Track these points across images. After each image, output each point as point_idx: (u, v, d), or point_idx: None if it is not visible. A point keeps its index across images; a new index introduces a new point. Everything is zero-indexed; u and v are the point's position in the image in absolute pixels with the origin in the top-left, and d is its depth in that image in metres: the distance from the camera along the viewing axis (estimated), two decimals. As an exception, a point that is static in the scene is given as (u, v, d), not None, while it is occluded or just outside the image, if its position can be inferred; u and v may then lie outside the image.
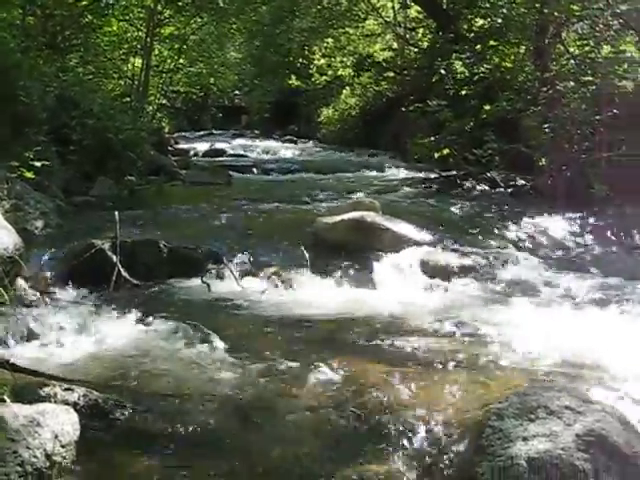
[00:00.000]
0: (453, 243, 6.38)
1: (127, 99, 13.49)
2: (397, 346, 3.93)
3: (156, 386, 3.36)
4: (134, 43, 15.09)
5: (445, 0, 15.53)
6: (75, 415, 2.75)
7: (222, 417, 3.07)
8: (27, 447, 2.48)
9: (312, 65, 22.39)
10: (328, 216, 6.58)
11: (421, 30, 18.13)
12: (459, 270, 5.61)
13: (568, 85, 8.92)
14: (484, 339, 4.04)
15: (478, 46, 11.24)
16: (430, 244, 6.17)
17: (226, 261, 5.67)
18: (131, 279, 5.26)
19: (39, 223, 6.58)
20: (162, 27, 15.18)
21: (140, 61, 14.65)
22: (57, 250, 5.73)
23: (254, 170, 13.16)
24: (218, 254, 5.79)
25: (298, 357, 3.74)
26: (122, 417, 3.00)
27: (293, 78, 22.87)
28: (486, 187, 9.72)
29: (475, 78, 10.46)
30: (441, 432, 2.85)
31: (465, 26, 14.13)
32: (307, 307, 4.77)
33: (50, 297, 4.85)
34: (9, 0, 10.76)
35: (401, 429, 2.88)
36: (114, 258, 5.34)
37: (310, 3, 19.34)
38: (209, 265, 5.64)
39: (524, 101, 9.36)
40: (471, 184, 9.86)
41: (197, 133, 23.95)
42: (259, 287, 5.28)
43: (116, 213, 5.83)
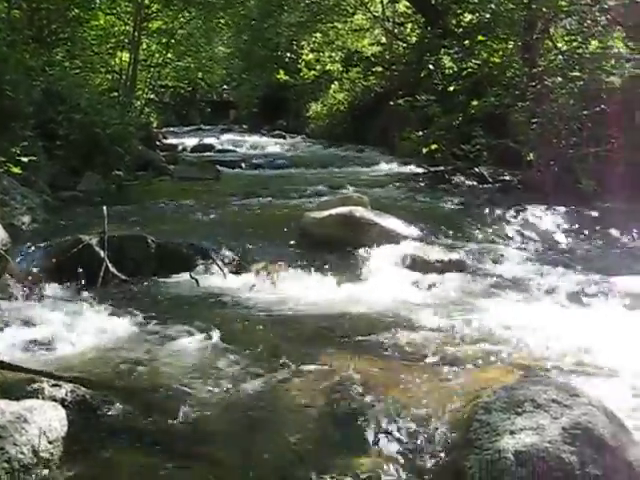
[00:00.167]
0: (441, 238, 6.40)
1: (115, 94, 13.41)
2: (385, 341, 3.94)
3: (144, 382, 3.35)
4: (121, 37, 14.99)
5: (434, -5, 15.53)
6: (63, 411, 2.74)
7: (211, 412, 3.06)
8: (14, 444, 2.47)
9: (300, 60, 22.36)
10: (316, 211, 6.58)
11: (409, 25, 18.13)
12: (447, 265, 5.63)
13: (556, 80, 8.95)
14: (472, 334, 4.06)
15: (466, 41, 11.24)
16: (418, 239, 6.19)
17: (214, 256, 5.66)
18: (119, 274, 5.24)
19: (26, 218, 6.55)
20: (150, 21, 15.10)
21: (128, 55, 14.56)
22: (44, 245, 5.70)
23: (242, 165, 13.15)
24: (206, 249, 5.77)
25: (286, 352, 3.74)
26: (110, 413, 2.99)
27: (281, 73, 22.82)
28: (474, 182, 9.75)
29: (463, 73, 10.47)
30: (429, 426, 2.86)
31: (453, 21, 14.14)
32: (295, 302, 4.77)
33: (37, 293, 4.83)
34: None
35: (389, 423, 2.89)
36: (102, 253, 5.32)
37: (298, -3, 19.32)
38: (197, 260, 5.63)
39: (512, 96, 9.38)
40: (459, 179, 9.89)
41: (185, 128, 23.88)
42: (247, 282, 5.27)
43: (104, 208, 5.80)
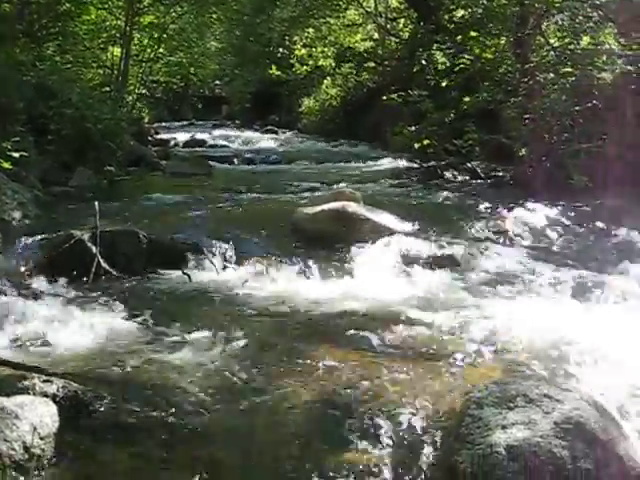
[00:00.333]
0: (433, 233, 6.40)
1: (106, 89, 13.34)
2: (378, 336, 3.94)
3: (136, 378, 3.34)
4: (113, 32, 14.90)
5: (426, -10, 15.51)
6: (54, 407, 2.73)
7: (203, 408, 3.06)
8: (5, 440, 2.46)
9: (293, 55, 22.31)
10: (309, 206, 6.58)
11: (402, 20, 18.13)
12: (439, 260, 5.63)
13: (548, 76, 8.98)
14: (464, 329, 4.06)
15: (459, 37, 11.24)
16: (411, 234, 6.19)
17: (207, 252, 5.64)
18: (111, 270, 5.22)
19: (17, 214, 6.52)
20: (141, 16, 15.00)
21: (119, 50, 14.48)
22: (35, 241, 5.67)
23: (235, 160, 13.13)
24: (199, 245, 5.76)
25: (279, 348, 3.74)
26: (102, 409, 2.98)
27: (274, 68, 22.76)
28: (466, 177, 9.77)
29: (456, 69, 10.47)
30: (421, 421, 2.86)
31: (446, 17, 14.15)
32: (287, 298, 4.77)
33: (28, 288, 4.80)
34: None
35: (381, 418, 2.89)
36: (94, 249, 5.29)
37: (291, -8, 19.28)
38: (190, 256, 5.61)
39: (504, 92, 9.41)
40: (451, 174, 9.91)
41: (177, 123, 23.82)
42: (240, 278, 5.26)
43: (96, 203, 5.77)
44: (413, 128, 10.67)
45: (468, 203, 7.87)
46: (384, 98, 11.86)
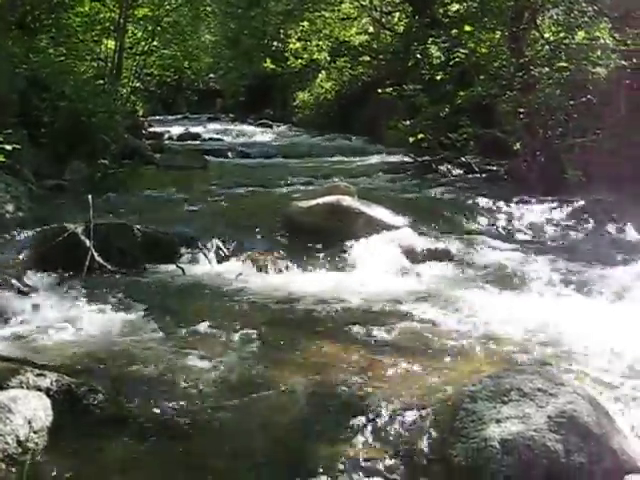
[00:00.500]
0: (428, 227, 6.41)
1: (100, 82, 13.26)
2: (372, 330, 3.94)
3: (130, 371, 3.33)
4: (107, 24, 14.79)
5: (421, -16, 15.47)
6: (48, 401, 2.73)
7: (197, 401, 3.05)
8: (-2, 433, 2.46)
9: (287, 48, 22.23)
10: (303, 200, 6.57)
11: (397, 14, 18.09)
12: (434, 254, 5.64)
13: (543, 71, 8.97)
14: (459, 323, 4.07)
15: (454, 31, 11.22)
16: (405, 228, 6.19)
17: (201, 245, 5.64)
18: (105, 264, 5.20)
19: (10, 207, 6.49)
20: (135, 8, 14.91)
21: (113, 43, 14.40)
22: (29, 234, 5.65)
23: (229, 154, 13.10)
24: (193, 238, 5.76)
25: (273, 341, 3.74)
26: (95, 402, 2.97)
27: (268, 61, 22.68)
28: (461, 172, 9.77)
29: (451, 63, 10.45)
30: (416, 414, 2.87)
31: (441, 11, 14.11)
32: (282, 291, 4.77)
33: (21, 282, 4.78)
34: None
35: (376, 411, 2.90)
36: (87, 242, 5.27)
37: (286, -15, 19.20)
38: (184, 249, 5.61)
39: (499, 86, 9.38)
40: (446, 169, 9.91)
41: (171, 117, 23.72)
42: (234, 271, 5.26)
43: (89, 197, 5.75)
44: (408, 122, 10.65)
45: (463, 197, 7.87)
46: (379, 92, 11.84)
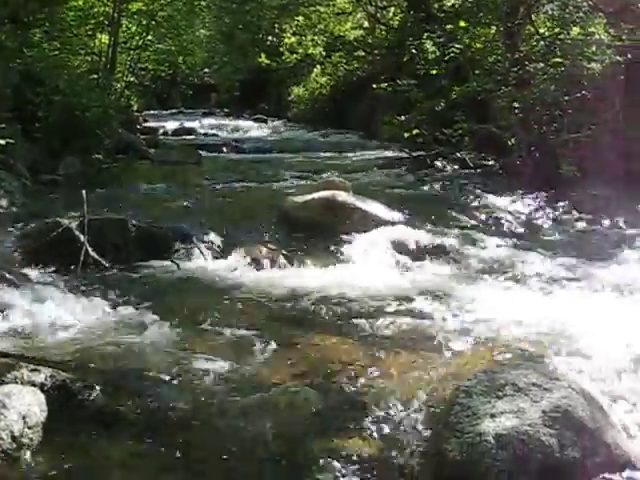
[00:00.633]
0: (423, 223, 6.41)
1: (94, 76, 13.21)
2: (367, 325, 3.95)
3: (125, 367, 3.33)
4: (101, 18, 14.72)
5: (416, -21, 15.43)
6: (42, 396, 2.72)
7: (192, 396, 3.05)
8: (-7, 429, 2.45)
9: (282, 43, 22.17)
10: (298, 195, 6.57)
11: (392, 9, 18.03)
12: (429, 249, 5.64)
13: (538, 66, 8.97)
14: (453, 318, 4.08)
15: (449, 26, 11.20)
16: (400, 224, 6.19)
17: (196, 240, 5.62)
18: (99, 259, 5.19)
19: (4, 202, 6.48)
20: (130, 2, 14.85)
21: (107, 37, 14.33)
22: (22, 229, 5.63)
23: (224, 149, 13.08)
24: (188, 233, 5.74)
25: (269, 336, 3.73)
26: (90, 398, 2.96)
27: (263, 56, 22.63)
28: (456, 167, 9.77)
29: (446, 58, 10.44)
30: (411, 409, 2.87)
31: (436, 5, 14.08)
32: (277, 286, 4.76)
33: (15, 277, 4.76)
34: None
35: (372, 406, 2.90)
36: (82, 237, 5.25)
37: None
38: (178, 244, 5.59)
39: (494, 82, 9.38)
40: (441, 164, 9.91)
41: (166, 112, 23.65)
42: (229, 266, 5.25)
43: (83, 192, 5.72)
44: (403, 117, 10.64)
45: (458, 193, 7.88)
46: (374, 87, 11.82)
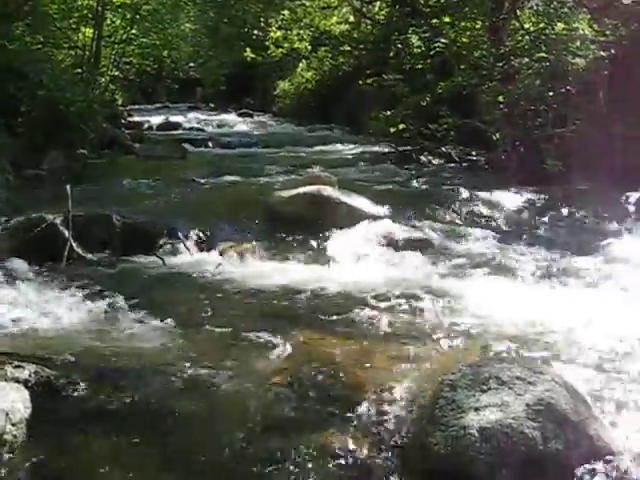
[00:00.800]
0: (408, 217, 6.43)
1: (78, 70, 13.10)
2: (352, 320, 3.96)
3: (110, 363, 3.31)
4: (85, 12, 14.60)
5: (402, -26, 15.42)
6: (26, 393, 2.71)
7: (177, 392, 3.05)
8: (-24, 426, 2.44)
9: (268, 37, 22.10)
10: (284, 190, 6.56)
11: (378, 3, 17.99)
12: (414, 244, 5.66)
13: (523, 61, 9.02)
14: (438, 312, 4.09)
15: (434, 20, 11.22)
16: (386, 218, 6.20)
17: (181, 235, 5.61)
18: (84, 254, 5.16)
19: (-14, 197, 6.42)
20: (114, -5, 14.75)
21: (91, 31, 14.22)
22: (6, 224, 5.58)
23: (209, 144, 13.03)
24: (173, 228, 5.72)
25: (253, 331, 3.73)
26: (75, 394, 2.95)
27: (248, 50, 22.54)
28: (441, 161, 9.81)
29: (431, 53, 10.47)
30: (396, 403, 2.89)
31: (421, 0, 14.09)
32: (262, 281, 4.76)
33: (-1, 272, 4.74)
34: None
35: (357, 400, 2.91)
36: (66, 233, 5.23)
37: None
38: (163, 239, 5.58)
39: (479, 76, 9.42)
40: (427, 159, 9.95)
41: (151, 106, 23.52)
42: (214, 261, 5.24)
43: (68, 187, 5.69)
44: (389, 112, 10.66)
45: (443, 187, 7.90)
46: (360, 82, 11.83)
